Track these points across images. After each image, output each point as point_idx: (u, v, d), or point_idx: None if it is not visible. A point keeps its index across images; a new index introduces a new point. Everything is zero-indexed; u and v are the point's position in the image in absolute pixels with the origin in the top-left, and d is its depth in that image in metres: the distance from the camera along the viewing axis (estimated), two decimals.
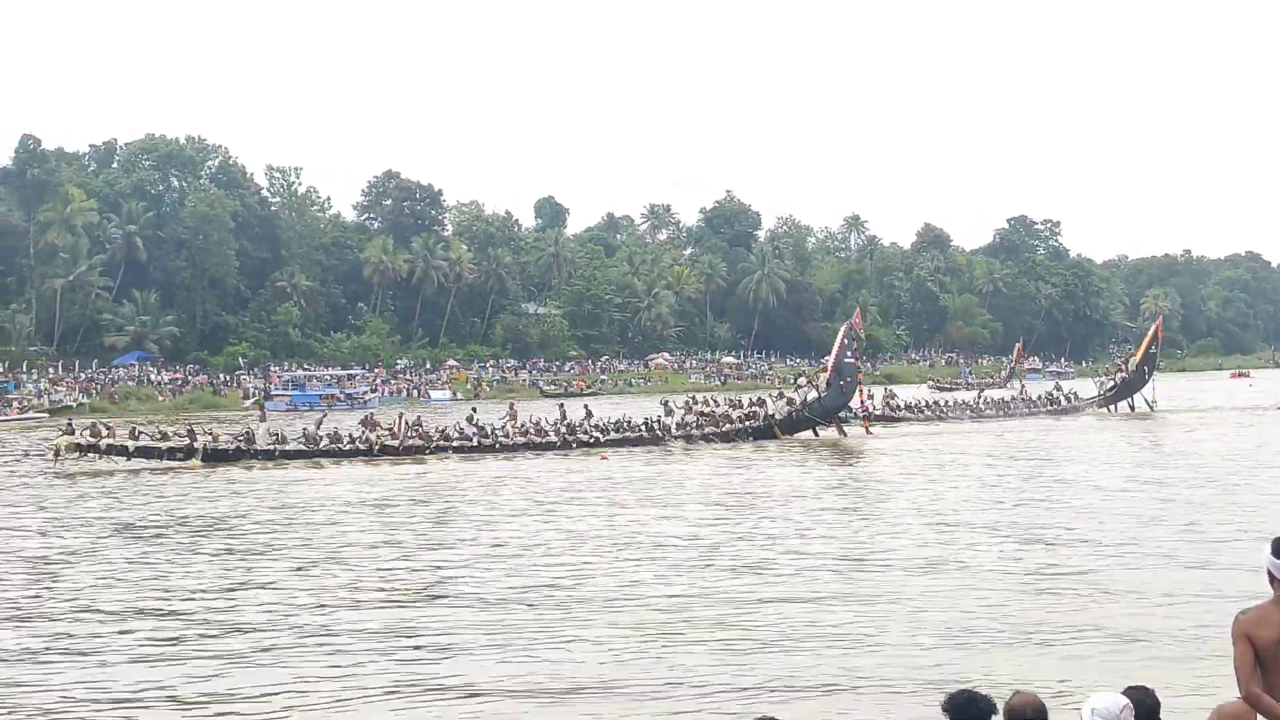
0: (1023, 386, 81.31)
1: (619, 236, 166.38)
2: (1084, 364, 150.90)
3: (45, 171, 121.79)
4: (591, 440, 50.07)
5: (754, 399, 57.99)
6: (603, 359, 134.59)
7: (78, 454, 45.99)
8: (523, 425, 51.18)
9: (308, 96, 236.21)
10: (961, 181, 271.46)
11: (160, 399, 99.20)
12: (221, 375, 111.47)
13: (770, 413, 54.55)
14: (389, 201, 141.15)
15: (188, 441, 47.07)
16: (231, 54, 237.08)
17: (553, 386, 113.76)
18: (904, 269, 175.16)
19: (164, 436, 47.72)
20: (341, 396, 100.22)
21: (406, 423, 50.27)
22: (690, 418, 53.43)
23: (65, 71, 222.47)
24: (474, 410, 60.65)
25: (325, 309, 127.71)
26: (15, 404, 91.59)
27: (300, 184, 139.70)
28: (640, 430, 51.07)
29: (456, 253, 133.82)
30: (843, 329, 56.38)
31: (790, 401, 55.57)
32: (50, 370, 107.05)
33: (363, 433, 49.30)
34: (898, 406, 64.91)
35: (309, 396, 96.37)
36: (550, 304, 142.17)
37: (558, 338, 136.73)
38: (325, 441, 48.28)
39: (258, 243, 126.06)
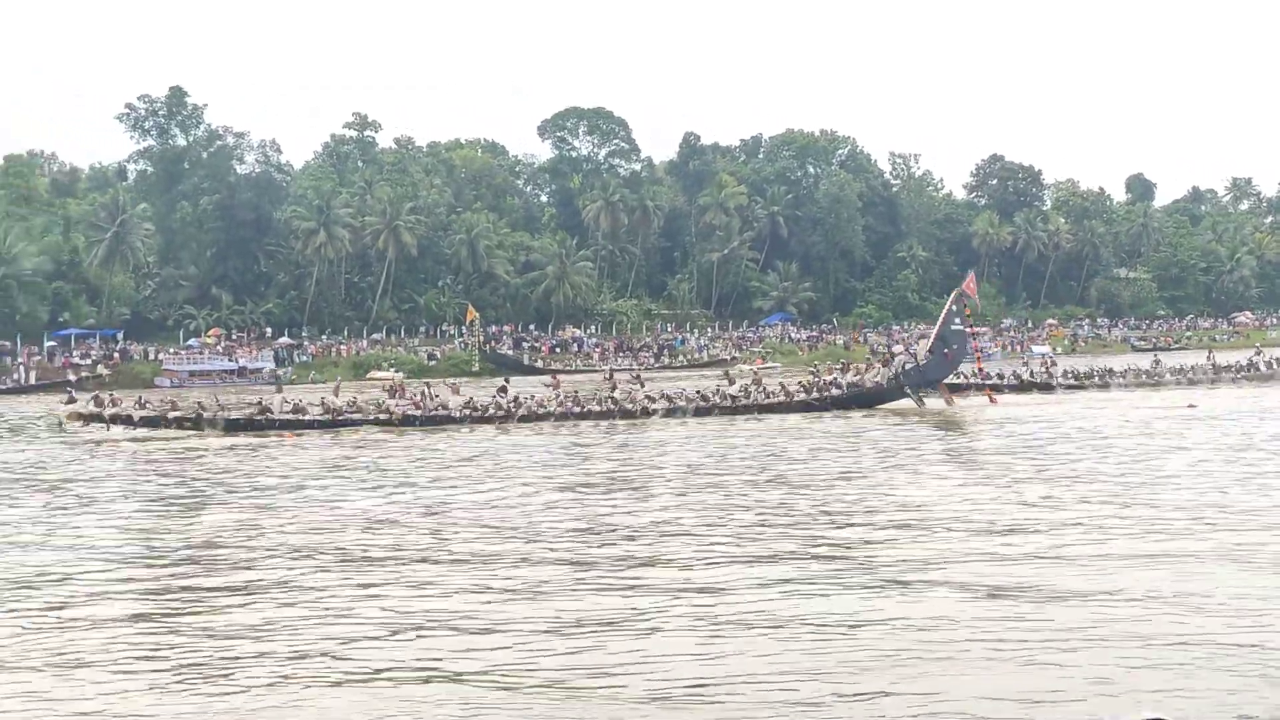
0: None
1: (1203, 208, 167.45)
2: None
3: (703, 163, 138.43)
4: (639, 410, 46.79)
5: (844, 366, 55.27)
6: (1188, 317, 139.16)
7: (81, 423, 44.37)
8: (561, 396, 48.26)
9: (925, 90, 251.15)
10: None
11: (799, 354, 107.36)
12: (851, 333, 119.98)
13: (861, 381, 49.91)
14: (994, 181, 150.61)
15: (197, 413, 44.53)
16: (862, 55, 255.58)
17: (1142, 342, 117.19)
18: None
19: (173, 406, 45.91)
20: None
21: (424, 393, 48.09)
22: (754, 388, 49.56)
23: (718, 77, 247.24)
24: (506, 380, 56.90)
25: (939, 275, 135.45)
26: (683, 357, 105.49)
27: (918, 168, 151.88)
28: (697, 400, 48.05)
29: (1054, 225, 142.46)
30: (952, 295, 50.74)
31: (885, 368, 51.49)
32: (709, 329, 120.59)
33: (383, 403, 46.90)
34: (1055, 374, 60.31)
35: None
36: (1140, 269, 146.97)
37: (1147, 299, 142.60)
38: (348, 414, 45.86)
39: (880, 219, 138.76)
